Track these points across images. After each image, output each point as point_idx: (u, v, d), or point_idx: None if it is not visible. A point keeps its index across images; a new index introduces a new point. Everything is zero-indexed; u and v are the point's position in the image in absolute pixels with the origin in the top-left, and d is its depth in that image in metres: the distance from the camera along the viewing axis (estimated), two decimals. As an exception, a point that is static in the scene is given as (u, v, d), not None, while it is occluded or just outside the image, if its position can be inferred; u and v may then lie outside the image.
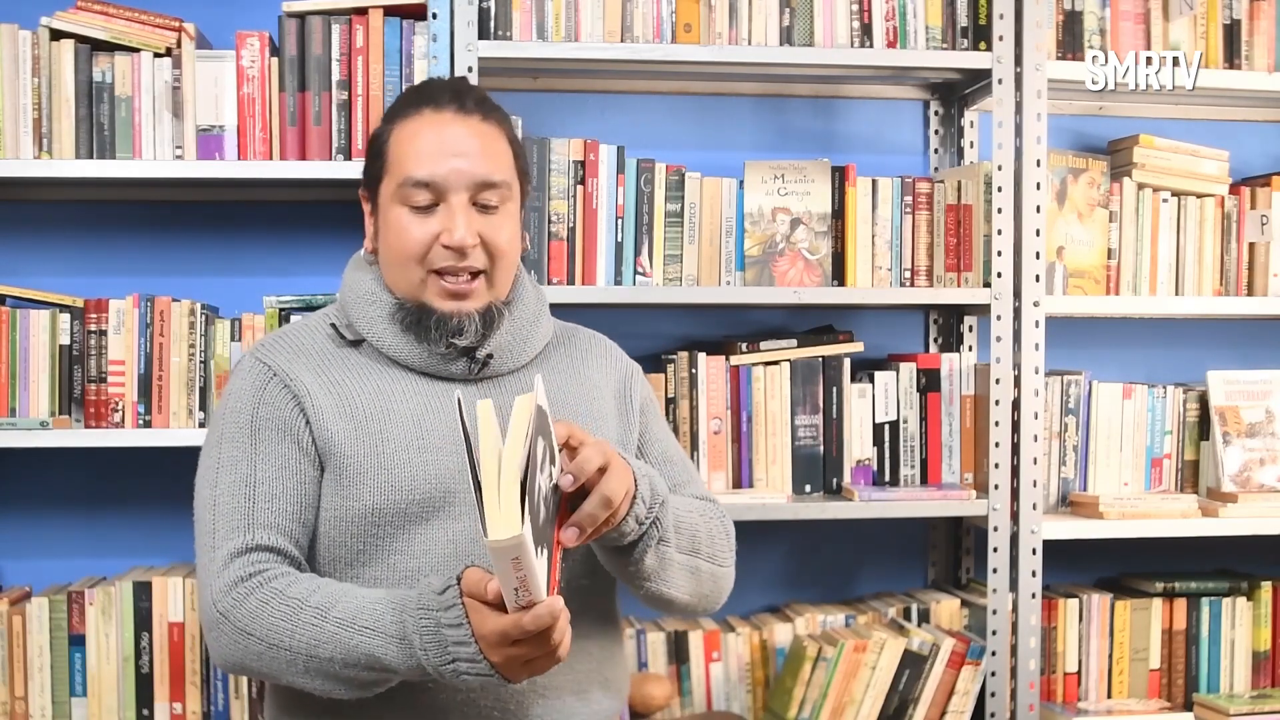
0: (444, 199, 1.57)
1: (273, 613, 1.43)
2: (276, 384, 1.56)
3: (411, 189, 1.57)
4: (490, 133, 1.61)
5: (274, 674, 1.46)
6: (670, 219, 2.39)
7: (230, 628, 1.45)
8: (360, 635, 1.40)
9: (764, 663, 2.47)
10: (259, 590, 1.45)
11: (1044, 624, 2.47)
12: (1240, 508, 2.46)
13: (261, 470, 1.52)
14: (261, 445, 1.53)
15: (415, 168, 1.56)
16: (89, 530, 2.50)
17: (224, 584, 1.46)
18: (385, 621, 1.39)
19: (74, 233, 2.48)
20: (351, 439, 1.53)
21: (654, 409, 1.76)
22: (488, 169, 1.58)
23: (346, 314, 1.64)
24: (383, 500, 1.52)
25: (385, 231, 1.60)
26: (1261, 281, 2.57)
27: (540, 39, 2.31)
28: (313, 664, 1.42)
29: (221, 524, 1.50)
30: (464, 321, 1.57)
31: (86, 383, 2.26)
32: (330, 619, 1.41)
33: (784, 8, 2.38)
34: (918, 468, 2.49)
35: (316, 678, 1.43)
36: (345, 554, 1.53)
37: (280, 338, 1.63)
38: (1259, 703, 2.46)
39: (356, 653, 1.40)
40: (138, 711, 2.27)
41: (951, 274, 2.46)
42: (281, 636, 1.42)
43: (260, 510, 1.50)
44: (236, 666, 1.48)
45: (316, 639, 1.41)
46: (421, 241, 1.56)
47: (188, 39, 2.26)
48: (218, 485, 1.53)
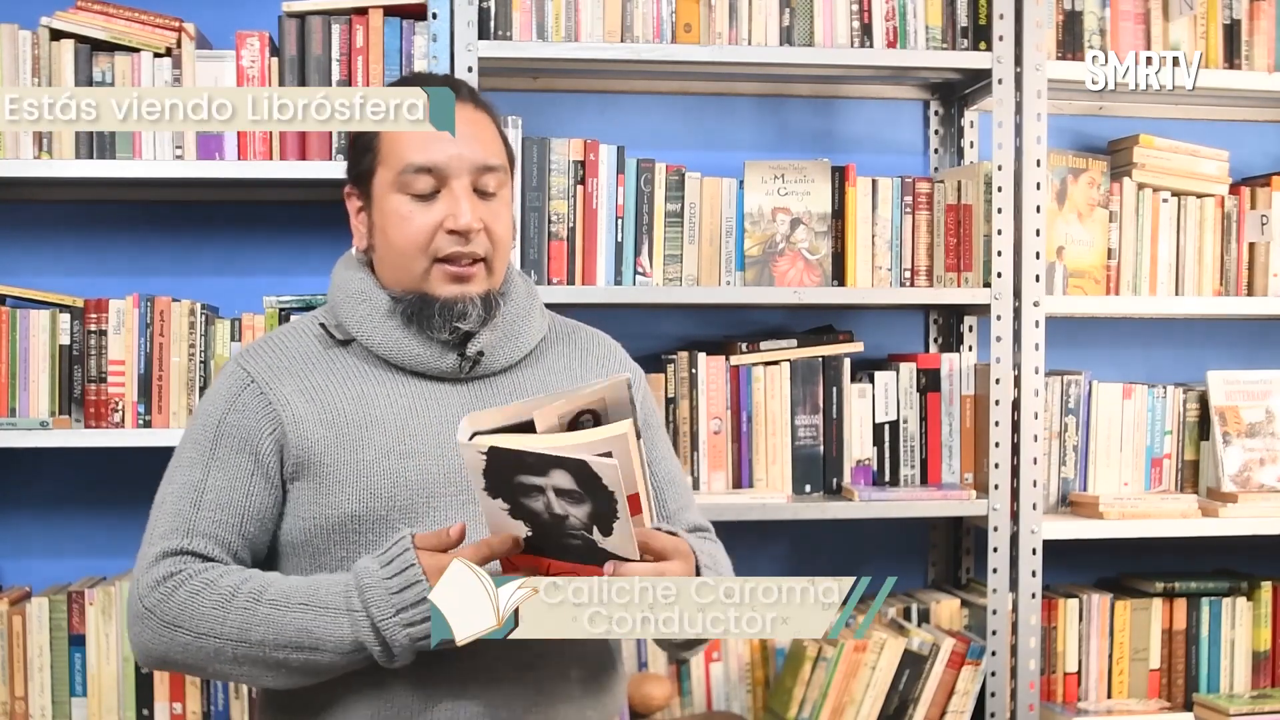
0: (445, 184, 1.55)
1: (203, 603, 1.44)
2: (253, 391, 1.55)
3: (413, 175, 1.55)
4: (483, 120, 1.61)
5: (198, 665, 1.47)
6: (670, 219, 2.39)
7: (155, 622, 1.46)
8: (292, 612, 1.41)
9: (764, 663, 2.47)
10: (188, 583, 1.46)
11: (1044, 624, 2.47)
12: (1240, 508, 2.46)
13: (213, 478, 1.52)
14: (220, 453, 1.53)
15: (415, 154, 1.55)
16: (89, 530, 2.50)
17: (151, 580, 1.47)
18: (322, 593, 1.41)
19: (74, 233, 2.48)
20: (331, 446, 1.52)
21: (656, 421, 1.74)
22: (486, 153, 1.58)
23: (336, 314, 1.62)
24: (361, 507, 1.51)
25: (383, 224, 1.58)
26: (1261, 281, 2.57)
27: (540, 39, 2.31)
28: (241, 650, 1.43)
29: (163, 523, 1.51)
30: (467, 305, 1.55)
31: (86, 383, 2.26)
32: (264, 600, 1.43)
33: (784, 8, 2.38)
34: (918, 468, 2.49)
35: (245, 665, 1.44)
36: (328, 561, 1.52)
37: (265, 344, 1.62)
38: (1259, 703, 2.46)
39: (287, 630, 1.41)
40: (138, 711, 2.27)
41: (951, 274, 2.46)
42: (211, 625, 1.44)
43: (202, 519, 1.51)
44: (159, 660, 1.49)
45: (248, 623, 1.42)
46: (426, 229, 1.55)
47: (188, 39, 2.26)
48: (170, 483, 1.54)
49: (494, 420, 1.37)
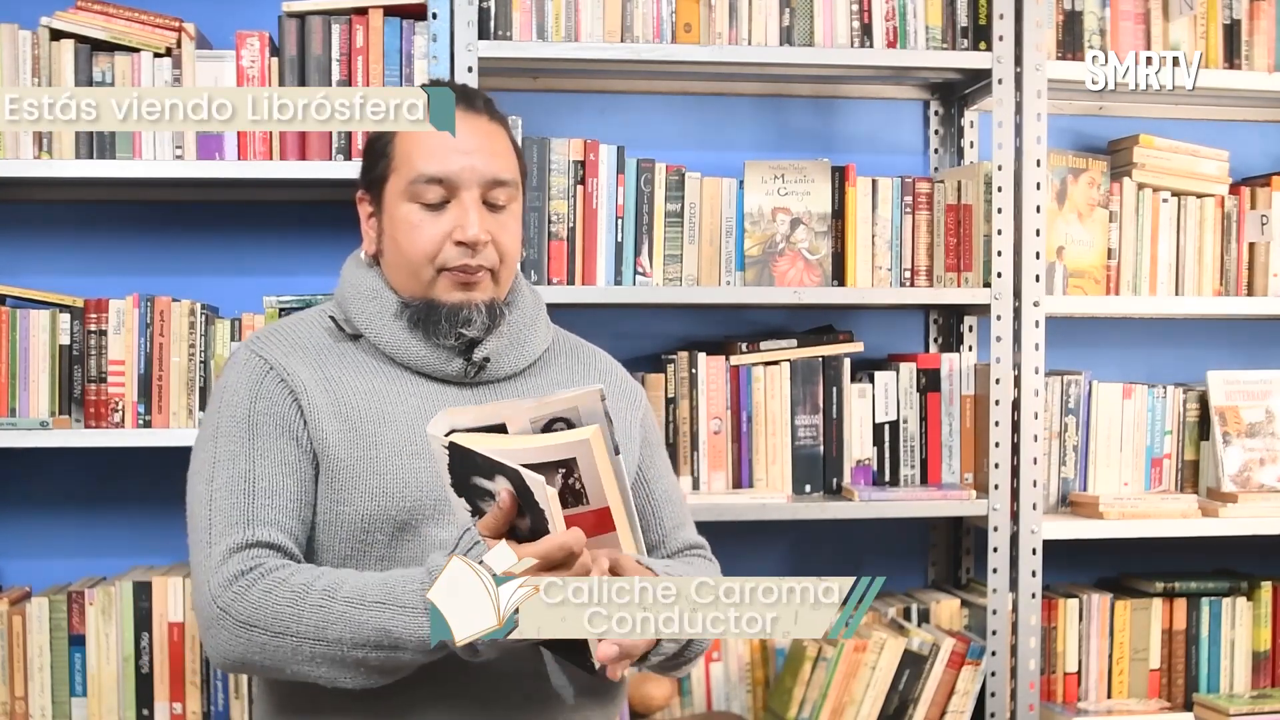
0: (455, 195, 1.56)
1: (277, 600, 1.41)
2: (273, 378, 1.54)
3: (423, 185, 1.55)
4: (497, 133, 1.61)
5: (278, 666, 1.43)
6: (670, 219, 2.39)
7: (231, 622, 1.42)
8: (369, 610, 1.38)
9: (764, 663, 2.47)
10: (260, 581, 1.42)
11: (1044, 624, 2.47)
12: (1240, 508, 2.46)
13: (260, 466, 1.50)
14: (259, 441, 1.51)
15: (426, 164, 1.55)
16: (89, 530, 2.50)
17: (222, 579, 1.43)
18: (398, 591, 1.38)
19: (74, 233, 2.48)
20: (345, 441, 1.51)
21: (657, 439, 1.74)
22: (498, 167, 1.58)
23: (345, 310, 1.62)
24: (374, 506, 1.50)
25: (393, 231, 1.58)
26: (1261, 281, 2.57)
27: (540, 39, 2.31)
28: (319, 649, 1.40)
29: (219, 520, 1.47)
30: (472, 312, 1.56)
31: (86, 383, 2.26)
32: (338, 598, 1.40)
33: (784, 8, 2.38)
34: (918, 468, 2.49)
35: (323, 664, 1.40)
36: (332, 559, 1.51)
37: (276, 331, 1.61)
38: (1259, 703, 2.46)
39: (365, 629, 1.38)
40: (138, 711, 2.27)
41: (951, 274, 2.46)
42: (288, 623, 1.40)
43: (260, 507, 1.48)
44: (237, 663, 1.44)
45: (324, 620, 1.39)
46: (434, 239, 1.55)
47: (188, 39, 2.26)
48: (214, 481, 1.50)
49: (471, 419, 1.37)
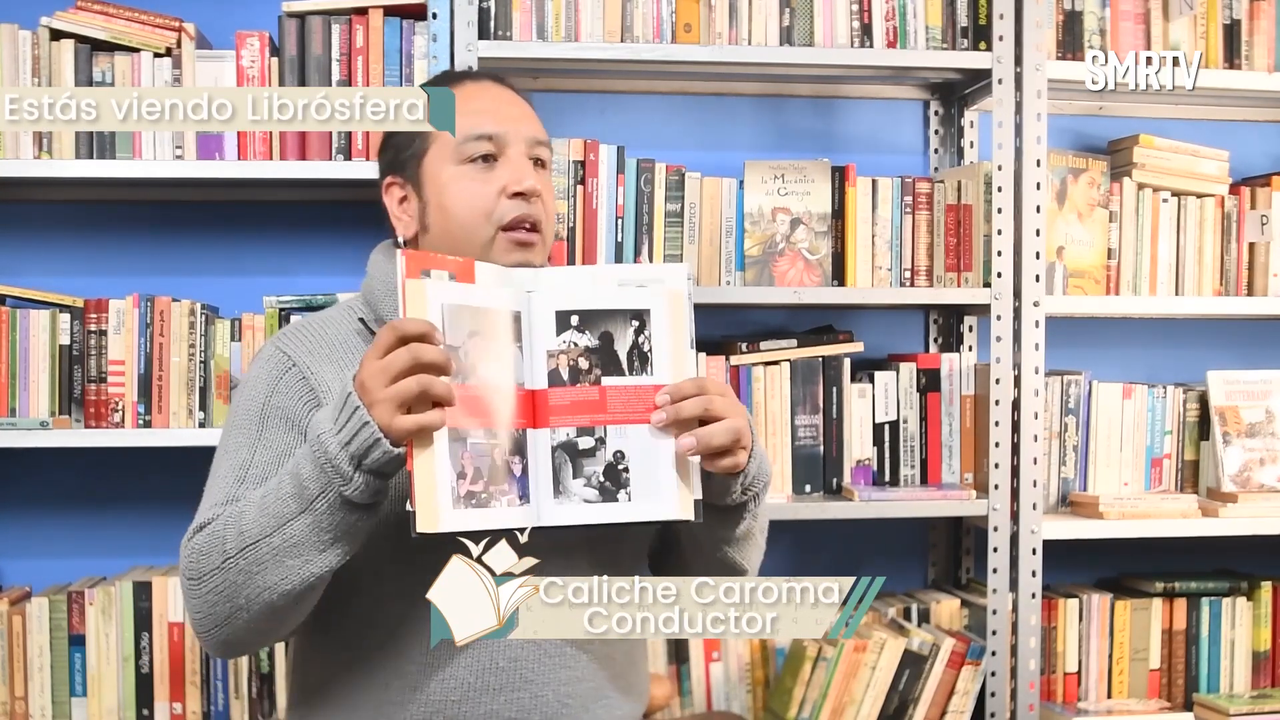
0: (504, 151, 1.58)
1: (208, 538, 1.42)
2: (294, 375, 1.54)
3: (474, 143, 1.57)
4: (527, 104, 1.67)
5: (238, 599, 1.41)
6: (670, 219, 2.39)
7: (187, 583, 1.43)
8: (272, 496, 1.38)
9: (764, 663, 2.47)
10: (196, 535, 1.44)
11: (1044, 624, 2.47)
12: (1240, 508, 2.46)
13: (259, 457, 1.51)
14: (266, 434, 1.52)
15: (475, 124, 1.58)
16: (89, 530, 2.50)
17: (182, 554, 1.46)
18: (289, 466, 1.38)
19: (74, 233, 2.48)
20: None
21: None
22: (537, 128, 1.63)
23: (374, 307, 1.61)
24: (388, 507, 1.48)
25: (440, 199, 1.58)
26: (1261, 281, 2.57)
27: (540, 39, 2.32)
28: (251, 555, 1.38)
29: (204, 505, 1.50)
30: None
31: (86, 383, 2.26)
32: (250, 505, 1.41)
33: (784, 8, 2.38)
34: (918, 468, 2.49)
35: (268, 566, 1.38)
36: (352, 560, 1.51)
37: (304, 327, 1.61)
38: (1259, 703, 2.46)
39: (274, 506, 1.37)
40: (138, 711, 2.27)
41: (951, 274, 2.46)
42: (220, 550, 1.40)
43: (243, 493, 1.49)
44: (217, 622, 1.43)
45: (242, 529, 1.39)
46: (489, 195, 1.56)
47: (188, 39, 2.26)
48: (217, 470, 1.53)
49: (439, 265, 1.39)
